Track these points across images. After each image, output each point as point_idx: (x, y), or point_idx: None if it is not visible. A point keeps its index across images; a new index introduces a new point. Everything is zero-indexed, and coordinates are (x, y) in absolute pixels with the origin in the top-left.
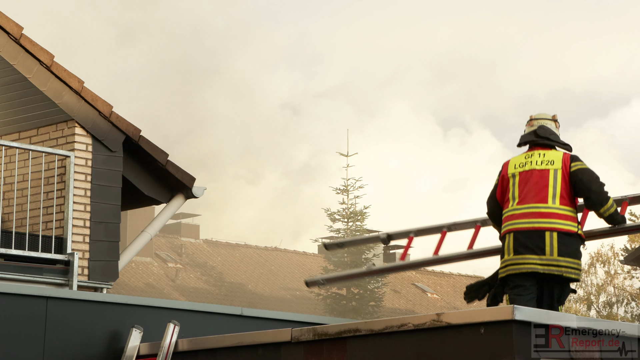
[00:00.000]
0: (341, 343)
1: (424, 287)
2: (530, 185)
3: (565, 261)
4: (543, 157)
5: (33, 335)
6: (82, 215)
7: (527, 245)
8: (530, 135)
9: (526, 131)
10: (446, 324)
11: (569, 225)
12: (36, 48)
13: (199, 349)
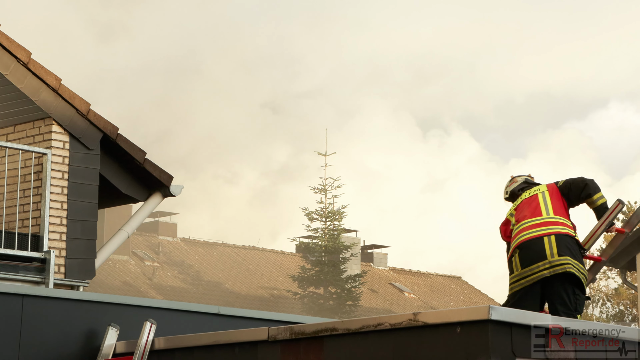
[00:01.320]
0: (318, 342)
1: (401, 287)
2: (524, 209)
3: (566, 259)
4: (530, 191)
5: (9, 333)
6: (58, 213)
7: (531, 256)
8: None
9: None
10: (423, 324)
11: (565, 229)
12: (13, 45)
13: (176, 348)
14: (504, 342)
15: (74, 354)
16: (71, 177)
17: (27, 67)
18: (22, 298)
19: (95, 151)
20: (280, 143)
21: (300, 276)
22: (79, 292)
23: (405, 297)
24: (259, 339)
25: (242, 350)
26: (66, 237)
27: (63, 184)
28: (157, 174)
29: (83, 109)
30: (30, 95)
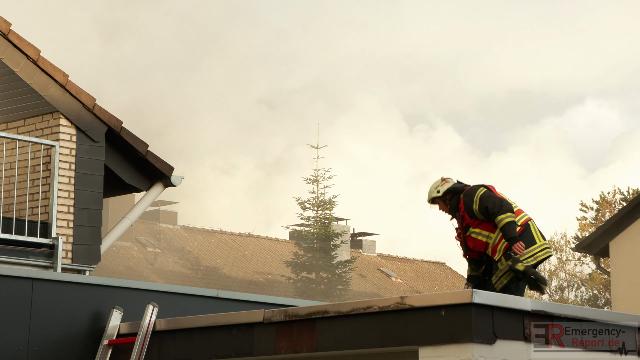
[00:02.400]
0: (311, 324)
1: (389, 272)
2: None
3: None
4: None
5: (20, 314)
6: (66, 202)
7: (540, 233)
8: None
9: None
10: (409, 307)
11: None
12: (23, 43)
13: (176, 329)
14: (486, 324)
15: (81, 334)
16: (78, 167)
17: (36, 64)
18: (32, 282)
19: (101, 143)
20: (274, 136)
21: (294, 262)
22: (85, 276)
23: (392, 282)
24: (255, 320)
25: (239, 332)
26: (73, 225)
27: (70, 175)
28: (158, 165)
29: (89, 104)
30: (39, 90)
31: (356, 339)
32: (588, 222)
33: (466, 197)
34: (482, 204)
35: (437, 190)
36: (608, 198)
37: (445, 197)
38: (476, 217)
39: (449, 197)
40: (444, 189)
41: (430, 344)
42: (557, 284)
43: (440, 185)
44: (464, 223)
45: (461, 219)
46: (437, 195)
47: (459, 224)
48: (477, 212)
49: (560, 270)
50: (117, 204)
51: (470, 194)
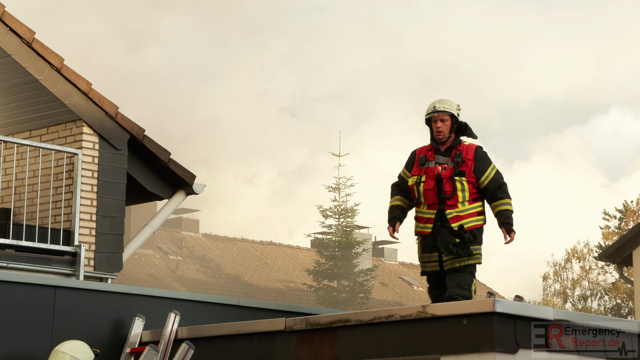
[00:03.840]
0: (332, 332)
1: (410, 280)
2: None
3: None
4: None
5: (42, 322)
6: (88, 210)
7: None
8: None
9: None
10: (431, 315)
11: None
12: (47, 51)
13: (198, 337)
14: (508, 333)
15: (103, 342)
16: (100, 175)
17: (60, 72)
18: (54, 289)
19: (123, 151)
20: (297, 145)
21: (315, 270)
22: (107, 284)
23: (414, 290)
24: (277, 329)
25: (261, 340)
26: (95, 232)
27: (93, 182)
28: (180, 173)
29: (112, 112)
30: (62, 98)
31: (378, 348)
32: (611, 230)
33: (483, 153)
34: (498, 177)
35: (457, 111)
36: (631, 207)
37: (454, 124)
38: (478, 177)
39: (456, 127)
40: (461, 117)
41: (452, 353)
42: (580, 293)
43: (459, 111)
44: (460, 167)
45: (461, 163)
46: (454, 113)
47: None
48: (487, 178)
49: (583, 279)
50: (139, 212)
51: (485, 154)
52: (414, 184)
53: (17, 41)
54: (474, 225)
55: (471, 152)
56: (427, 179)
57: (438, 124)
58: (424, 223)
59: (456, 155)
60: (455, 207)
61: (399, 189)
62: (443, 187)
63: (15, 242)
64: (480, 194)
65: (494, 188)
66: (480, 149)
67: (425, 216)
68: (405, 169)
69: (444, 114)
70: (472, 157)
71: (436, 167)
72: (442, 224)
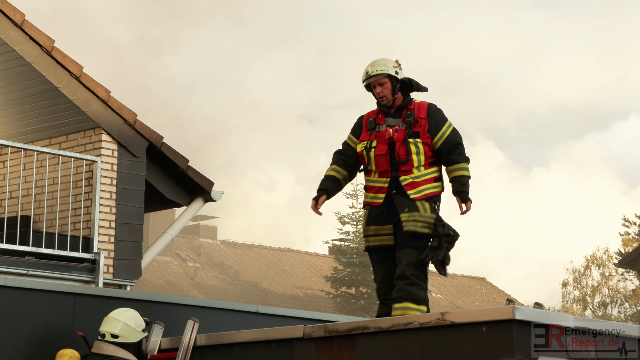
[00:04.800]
0: (351, 340)
1: (429, 288)
2: None
3: None
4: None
5: (62, 329)
6: (107, 217)
7: None
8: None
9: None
10: (450, 323)
11: None
12: (66, 60)
13: (217, 344)
14: (528, 340)
15: None
16: (119, 183)
17: (79, 80)
18: (74, 296)
19: (142, 159)
20: (315, 151)
21: (333, 277)
22: (126, 291)
23: (432, 297)
24: (295, 336)
25: (279, 347)
26: (114, 240)
27: (112, 190)
28: (199, 180)
29: (130, 119)
30: (81, 106)
31: (397, 356)
32: (631, 237)
33: (436, 109)
34: (453, 137)
35: (395, 69)
36: None
37: (396, 84)
38: (432, 137)
39: (398, 87)
40: (402, 75)
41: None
42: (600, 300)
43: (398, 68)
44: (414, 128)
45: (413, 123)
46: (392, 73)
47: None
48: (440, 138)
49: (603, 286)
50: (158, 219)
51: (441, 111)
52: (364, 149)
53: (36, 49)
54: (431, 192)
55: (423, 109)
56: (379, 144)
57: (377, 90)
58: (374, 192)
59: (407, 115)
60: (410, 173)
61: (339, 156)
62: (397, 152)
63: (35, 250)
64: (436, 158)
65: (448, 149)
66: (433, 105)
67: (377, 185)
68: (352, 134)
69: (380, 77)
70: (425, 114)
71: (387, 130)
72: (397, 191)
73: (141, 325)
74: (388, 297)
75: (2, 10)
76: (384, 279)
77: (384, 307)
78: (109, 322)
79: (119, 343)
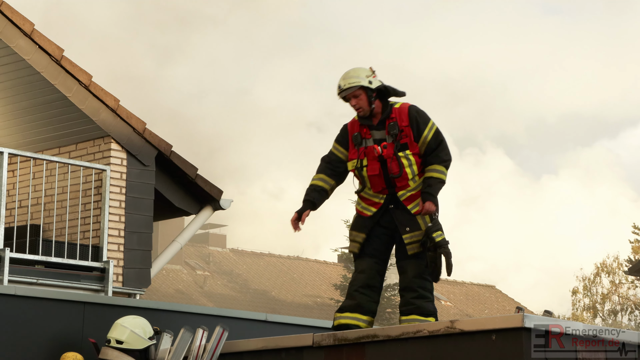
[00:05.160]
0: (360, 348)
1: (438, 295)
2: None
3: None
4: None
5: (72, 338)
6: (117, 226)
7: None
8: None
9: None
10: (459, 331)
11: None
12: (75, 69)
13: (226, 352)
14: (537, 348)
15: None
16: (128, 191)
17: (88, 89)
18: (83, 305)
19: (151, 167)
20: None
21: (342, 285)
22: (135, 300)
23: (442, 305)
24: (304, 344)
25: (289, 355)
26: (124, 248)
27: (121, 198)
28: (207, 188)
29: (139, 128)
30: (90, 115)
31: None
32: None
33: (417, 113)
34: (433, 141)
35: (368, 79)
36: None
37: (372, 94)
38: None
39: (374, 95)
40: (377, 83)
41: None
42: (610, 308)
43: (372, 76)
44: (401, 140)
45: (399, 134)
46: (366, 85)
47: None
48: (423, 144)
49: (613, 293)
50: (167, 228)
51: (422, 113)
52: (355, 169)
53: (46, 59)
54: None
55: (405, 115)
56: (370, 162)
57: (353, 102)
58: (367, 204)
59: (391, 127)
60: (407, 186)
61: (327, 165)
62: (389, 168)
63: (44, 259)
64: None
65: (429, 152)
66: (413, 108)
67: (372, 199)
68: (337, 144)
69: (353, 89)
70: (407, 121)
71: (375, 148)
72: (395, 206)
73: (149, 333)
74: (358, 290)
75: (12, 19)
76: (364, 271)
77: (349, 301)
78: (116, 329)
79: (124, 349)
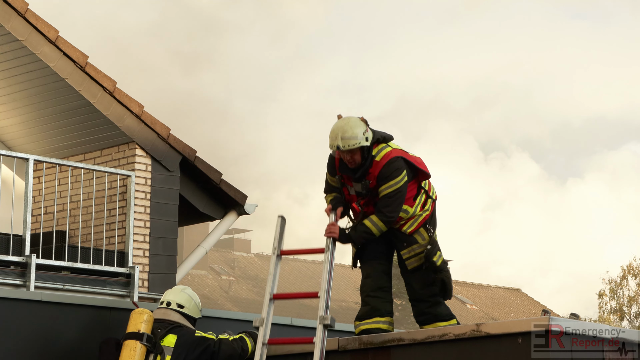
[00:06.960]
0: (385, 352)
1: (464, 299)
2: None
3: None
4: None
5: (98, 343)
6: (142, 231)
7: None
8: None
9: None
10: (485, 334)
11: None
12: (100, 75)
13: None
14: (563, 351)
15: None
16: (153, 197)
17: (112, 95)
18: (109, 311)
19: (175, 173)
20: None
21: None
22: None
23: (467, 308)
24: (330, 348)
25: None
26: (149, 254)
27: (146, 204)
28: (232, 193)
29: (164, 134)
30: (115, 121)
31: None
32: None
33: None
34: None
35: (365, 136)
36: None
37: (366, 150)
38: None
39: (365, 149)
40: (370, 135)
41: None
42: (636, 310)
43: (366, 130)
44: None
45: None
46: (364, 144)
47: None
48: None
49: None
50: (192, 233)
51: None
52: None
53: (70, 65)
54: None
55: (378, 170)
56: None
57: (347, 157)
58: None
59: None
60: (404, 226)
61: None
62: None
63: (70, 264)
64: (415, 188)
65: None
66: (391, 164)
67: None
68: (330, 174)
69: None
70: (377, 174)
71: (354, 206)
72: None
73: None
74: (370, 295)
75: (37, 26)
76: (369, 275)
77: (364, 307)
78: (176, 294)
79: (185, 314)
